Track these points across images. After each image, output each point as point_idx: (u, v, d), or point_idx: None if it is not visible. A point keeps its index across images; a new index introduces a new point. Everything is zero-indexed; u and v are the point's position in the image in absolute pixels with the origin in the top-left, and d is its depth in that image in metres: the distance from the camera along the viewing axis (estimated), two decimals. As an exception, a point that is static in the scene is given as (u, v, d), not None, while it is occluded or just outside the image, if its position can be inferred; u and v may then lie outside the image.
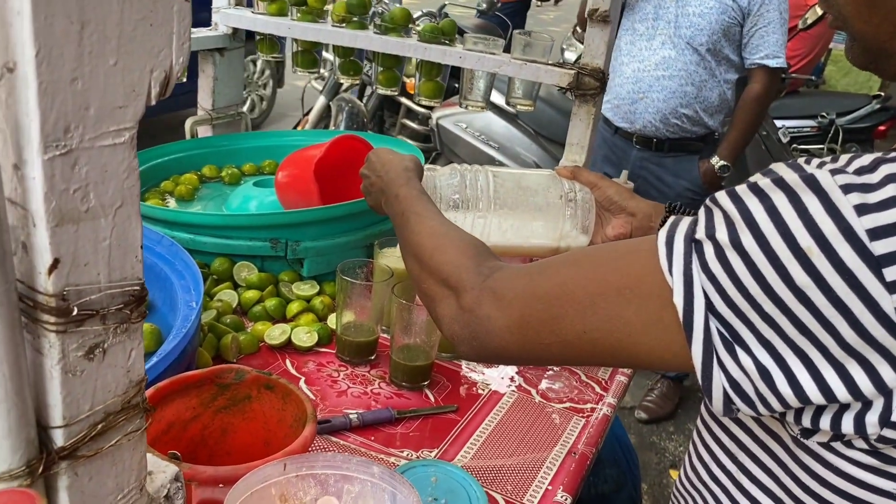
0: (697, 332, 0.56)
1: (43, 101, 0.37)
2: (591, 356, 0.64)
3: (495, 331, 0.68)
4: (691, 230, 0.58)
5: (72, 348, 0.43)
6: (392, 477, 0.64)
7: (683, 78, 2.37)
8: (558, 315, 0.64)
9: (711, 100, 2.42)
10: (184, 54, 0.44)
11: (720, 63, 2.38)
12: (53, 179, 0.39)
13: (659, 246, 0.59)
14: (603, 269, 0.63)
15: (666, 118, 2.42)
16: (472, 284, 0.72)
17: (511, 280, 0.70)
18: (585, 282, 0.63)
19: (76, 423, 0.44)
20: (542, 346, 0.66)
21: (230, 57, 1.77)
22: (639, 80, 2.42)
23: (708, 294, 0.55)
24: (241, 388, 0.82)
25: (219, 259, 1.28)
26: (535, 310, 0.66)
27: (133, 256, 0.45)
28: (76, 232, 0.41)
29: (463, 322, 0.71)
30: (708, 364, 0.56)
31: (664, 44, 2.37)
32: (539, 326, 0.66)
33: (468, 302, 0.71)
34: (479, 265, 0.74)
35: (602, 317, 0.61)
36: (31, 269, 0.40)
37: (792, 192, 0.52)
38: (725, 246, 0.54)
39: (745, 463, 0.66)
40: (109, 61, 0.40)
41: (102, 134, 0.41)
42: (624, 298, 0.60)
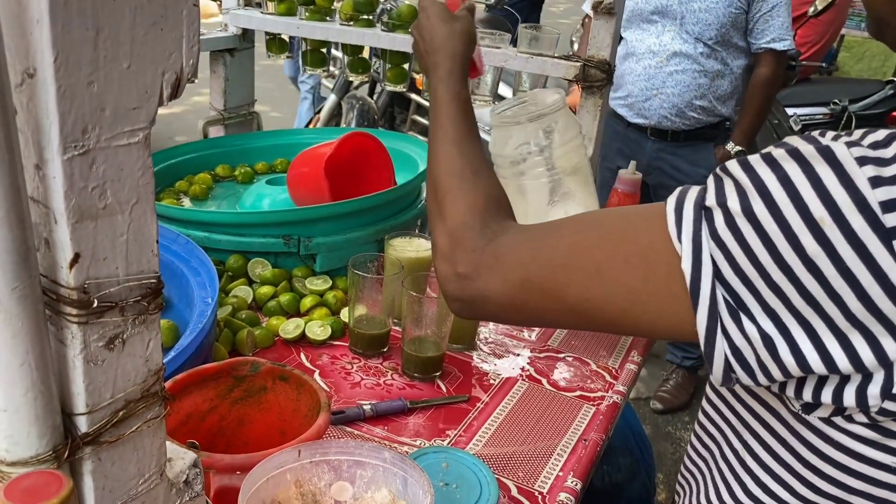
0: (703, 299, 0.56)
1: (62, 104, 0.39)
2: (594, 322, 0.65)
3: (492, 296, 0.69)
4: (701, 197, 0.58)
5: (93, 339, 0.45)
6: (403, 461, 0.66)
7: (696, 71, 2.36)
8: (562, 282, 0.64)
9: (724, 88, 2.41)
10: (193, 56, 0.46)
11: (730, 52, 2.37)
12: (73, 178, 0.41)
13: (668, 213, 0.59)
14: (610, 236, 0.63)
15: (681, 112, 2.41)
16: (473, 246, 0.71)
17: (514, 246, 0.69)
18: (591, 249, 0.63)
19: (98, 410, 0.47)
20: (541, 311, 0.66)
21: (240, 57, 1.80)
22: (651, 76, 2.41)
23: (716, 261, 0.55)
24: (256, 380, 0.84)
25: (233, 256, 1.31)
26: (538, 277, 0.66)
27: (149, 251, 0.47)
28: (95, 228, 0.43)
29: (458, 285, 0.72)
30: (712, 331, 0.56)
31: (673, 39, 2.36)
32: (540, 295, 0.66)
33: (465, 265, 0.71)
34: (485, 225, 0.73)
35: (608, 284, 0.61)
36: (54, 263, 0.43)
37: (806, 162, 0.52)
38: (736, 214, 0.54)
39: (749, 440, 0.67)
40: (123, 65, 0.42)
41: (118, 134, 0.43)
42: (631, 266, 0.60)
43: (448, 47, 0.94)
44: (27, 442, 0.43)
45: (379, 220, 1.39)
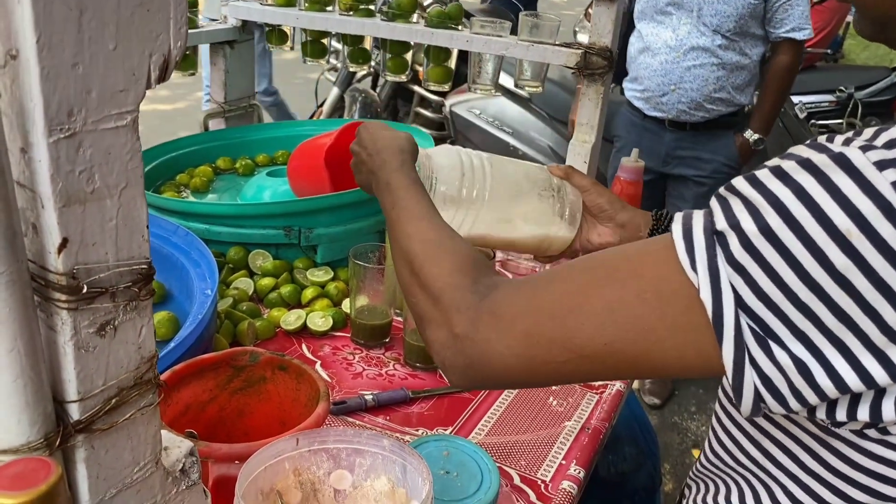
0: (728, 331, 0.52)
1: (46, 86, 0.39)
2: (614, 370, 0.59)
3: (495, 355, 0.62)
4: (709, 222, 0.54)
5: (83, 325, 0.44)
6: (402, 449, 0.66)
7: (714, 65, 2.32)
8: (573, 328, 0.58)
9: (743, 78, 2.38)
10: (181, 38, 0.45)
11: (748, 42, 2.34)
12: (59, 161, 0.40)
13: (676, 241, 0.55)
14: (617, 273, 0.58)
15: (700, 105, 2.38)
16: (467, 305, 0.65)
17: (511, 296, 0.63)
18: (599, 289, 0.58)
19: (90, 397, 0.46)
20: (553, 365, 0.60)
21: (240, 49, 1.79)
22: (668, 71, 2.37)
23: (736, 288, 0.51)
24: (255, 370, 0.83)
25: (234, 248, 1.30)
26: (544, 326, 0.60)
27: (139, 236, 0.47)
28: (83, 212, 0.43)
29: (456, 349, 0.64)
30: (739, 363, 0.52)
31: (690, 33, 2.31)
32: (549, 344, 0.59)
33: (462, 326, 0.64)
34: (475, 282, 0.67)
35: (623, 325, 0.56)
36: (42, 249, 0.42)
37: (820, 172, 0.49)
38: (753, 234, 0.50)
39: (770, 450, 0.63)
40: (109, 46, 0.41)
41: (105, 117, 0.42)
42: (645, 302, 0.55)
43: (393, 145, 0.93)
44: (18, 429, 0.43)
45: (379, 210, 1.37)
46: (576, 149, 1.51)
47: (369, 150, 0.95)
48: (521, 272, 1.51)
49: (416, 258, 0.73)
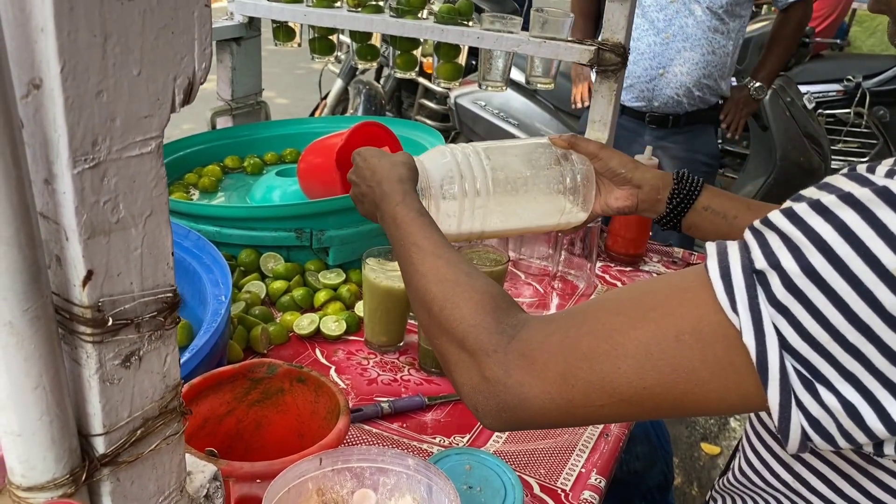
0: (773, 374, 0.50)
1: (70, 115, 0.37)
2: (654, 411, 0.57)
3: (531, 399, 0.60)
4: (747, 260, 0.52)
5: (108, 357, 0.43)
6: (427, 469, 0.65)
7: (705, 46, 2.24)
8: (610, 372, 0.56)
9: (727, 64, 2.31)
10: (206, 59, 0.44)
11: (735, 23, 2.26)
12: (83, 193, 0.39)
13: (713, 281, 0.53)
14: (652, 313, 0.56)
15: (689, 91, 2.30)
16: (495, 347, 0.62)
17: (542, 337, 0.61)
18: (634, 331, 0.56)
19: (116, 430, 0.45)
20: (591, 408, 0.58)
21: (247, 46, 1.77)
22: (657, 54, 2.27)
23: (780, 330, 0.50)
24: (273, 382, 0.82)
25: (245, 250, 1.29)
26: (579, 369, 0.58)
27: (164, 264, 0.45)
28: (108, 243, 0.41)
29: (488, 392, 0.62)
30: (786, 406, 0.51)
31: (679, 12, 2.21)
32: (586, 388, 0.57)
33: (493, 370, 0.61)
34: (499, 322, 0.64)
35: (662, 368, 0.54)
36: (66, 281, 0.41)
37: (864, 208, 0.47)
38: (795, 275, 0.49)
39: (805, 475, 0.62)
40: (133, 72, 0.40)
41: (129, 144, 0.41)
42: (684, 345, 0.53)
43: (393, 175, 0.89)
44: (43, 466, 0.42)
45: (392, 211, 1.36)
46: (588, 147, 1.49)
47: (369, 182, 0.92)
48: (533, 272, 1.49)
49: (435, 301, 0.71)
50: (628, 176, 1.02)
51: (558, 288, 1.45)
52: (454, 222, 0.98)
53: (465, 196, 0.97)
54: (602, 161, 1.03)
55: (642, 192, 1.02)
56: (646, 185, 1.01)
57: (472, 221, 0.99)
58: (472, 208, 0.98)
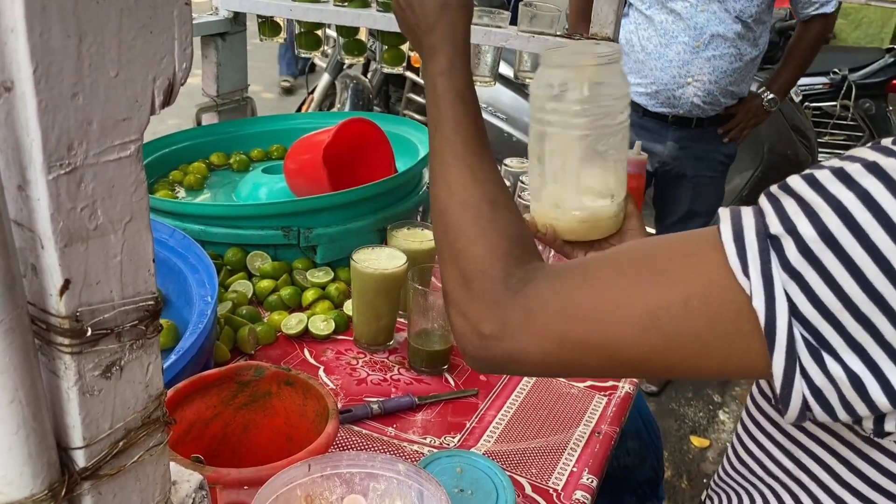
0: (780, 340, 0.49)
1: (44, 119, 0.36)
2: (649, 371, 0.57)
3: (524, 357, 0.59)
4: (762, 224, 0.51)
5: (88, 368, 0.42)
6: (418, 474, 0.63)
7: (733, 55, 2.21)
8: (612, 334, 0.55)
9: (751, 70, 2.30)
10: (187, 59, 0.42)
11: (761, 30, 2.24)
12: (59, 199, 0.37)
13: (725, 244, 0.51)
14: (661, 275, 0.54)
15: (715, 98, 2.27)
16: (497, 299, 0.61)
17: (546, 296, 0.59)
18: (643, 293, 0.54)
19: (97, 442, 0.44)
20: (584, 368, 0.58)
21: (232, 41, 1.75)
22: (685, 62, 2.22)
23: (791, 296, 0.49)
24: (260, 385, 0.81)
25: (231, 249, 1.28)
26: (581, 331, 0.56)
27: (145, 271, 0.44)
28: (86, 251, 0.40)
29: (480, 345, 0.61)
30: (790, 373, 0.50)
31: (710, 21, 2.17)
32: (585, 349, 0.57)
33: (491, 324, 0.60)
34: (509, 272, 0.62)
35: (668, 332, 0.53)
36: (42, 291, 0.39)
37: (889, 178, 0.46)
38: (811, 240, 0.48)
39: (803, 459, 0.61)
40: (110, 73, 0.38)
41: (107, 149, 0.39)
42: (692, 309, 0.52)
43: (446, 23, 0.77)
44: (20, 482, 0.40)
45: (380, 208, 1.35)
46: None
47: (418, 19, 0.79)
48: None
49: (451, 226, 0.68)
50: None
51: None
52: None
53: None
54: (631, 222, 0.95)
55: None
56: None
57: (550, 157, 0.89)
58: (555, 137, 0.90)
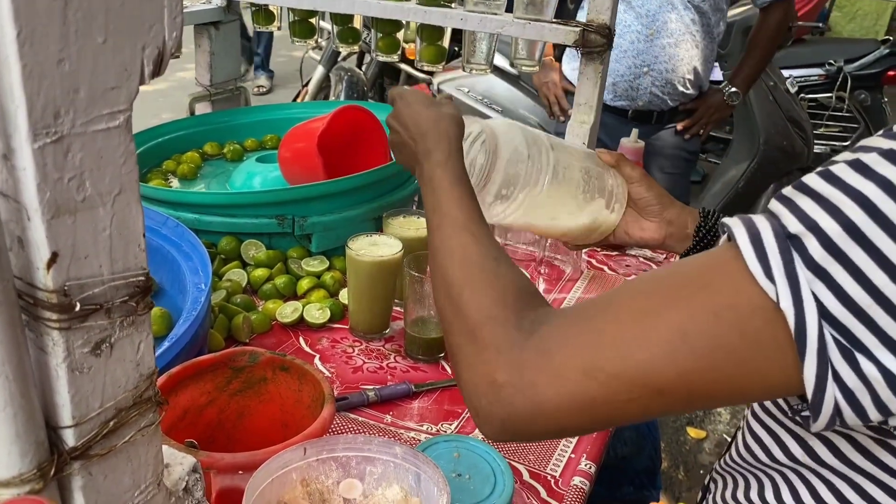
0: (811, 345, 0.47)
1: (28, 85, 0.35)
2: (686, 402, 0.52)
3: (545, 402, 0.54)
4: (778, 225, 0.48)
5: (77, 345, 0.41)
6: (415, 457, 0.63)
7: (689, 42, 2.16)
8: (640, 360, 0.51)
9: (710, 57, 2.25)
10: (177, 28, 0.41)
11: (717, 17, 2.19)
12: (45, 169, 0.37)
13: (743, 250, 0.49)
14: (682, 291, 0.51)
15: (674, 88, 2.22)
16: (510, 344, 0.56)
17: (562, 330, 0.55)
18: (666, 311, 0.51)
19: (87, 421, 0.43)
20: (616, 405, 0.52)
21: (225, 30, 1.74)
22: (640, 52, 2.17)
23: (818, 296, 0.47)
24: (255, 371, 0.80)
25: (225, 238, 1.26)
26: (605, 361, 0.52)
27: (136, 245, 0.43)
28: (73, 223, 0.39)
29: (494, 397, 0.55)
30: (822, 378, 0.47)
31: (662, 7, 2.12)
32: (611, 381, 0.52)
33: (505, 371, 0.55)
34: (519, 317, 0.59)
35: (700, 349, 0.49)
36: (29, 264, 0.38)
37: None
38: (835, 234, 0.46)
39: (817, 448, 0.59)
40: (97, 39, 0.37)
41: (95, 118, 0.38)
42: (723, 321, 0.49)
43: (439, 129, 0.82)
44: (8, 461, 0.40)
45: (375, 196, 1.34)
46: (574, 130, 1.48)
47: (412, 133, 0.85)
48: (519, 257, 1.48)
49: (455, 283, 0.65)
50: (661, 210, 0.97)
51: (545, 273, 1.43)
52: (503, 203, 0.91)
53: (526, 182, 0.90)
54: (640, 189, 0.98)
55: (672, 228, 0.97)
56: (677, 221, 0.97)
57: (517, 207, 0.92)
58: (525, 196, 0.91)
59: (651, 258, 1.54)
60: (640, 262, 1.52)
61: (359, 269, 1.10)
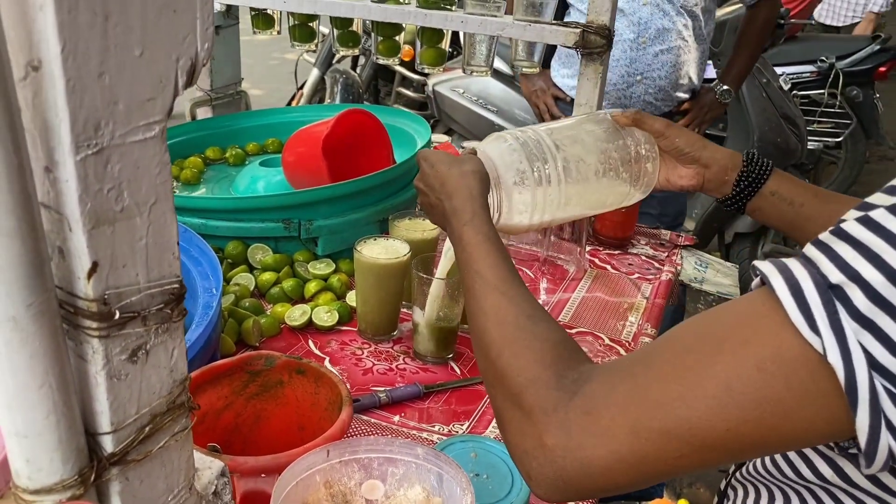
0: (863, 396, 0.46)
1: (72, 98, 0.35)
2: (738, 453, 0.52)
3: (595, 461, 0.54)
4: (818, 275, 0.48)
5: (115, 352, 0.41)
6: (437, 457, 0.63)
7: (681, 47, 2.10)
8: (688, 417, 0.51)
9: (701, 61, 2.19)
10: (208, 39, 0.42)
11: (707, 20, 2.14)
12: (87, 180, 0.37)
13: (784, 301, 0.48)
14: (725, 345, 0.51)
15: (667, 94, 2.16)
16: (555, 405, 0.56)
17: (607, 390, 0.55)
18: (710, 366, 0.51)
19: (124, 427, 0.43)
20: (668, 461, 0.52)
21: (226, 35, 1.74)
22: (633, 59, 2.11)
23: (867, 347, 0.46)
24: (272, 374, 0.81)
25: (232, 242, 1.27)
26: (653, 419, 0.52)
27: (170, 254, 0.44)
28: (112, 233, 0.39)
29: (545, 459, 0.56)
30: (876, 428, 0.47)
31: (653, 14, 2.07)
32: (661, 439, 0.52)
33: (552, 433, 0.55)
34: (560, 376, 0.59)
35: (746, 404, 0.49)
36: (70, 274, 0.39)
37: None
38: (880, 284, 0.45)
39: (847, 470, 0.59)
40: (135, 52, 0.38)
41: (133, 129, 0.39)
42: (767, 373, 0.49)
43: (465, 188, 0.83)
44: (50, 468, 0.40)
45: (380, 199, 1.35)
46: (575, 130, 1.49)
47: (438, 194, 0.86)
48: (522, 257, 1.49)
49: (493, 345, 0.65)
50: (696, 155, 0.97)
51: (548, 272, 1.44)
52: (526, 216, 0.92)
53: (538, 186, 0.90)
54: (668, 139, 0.98)
55: (709, 172, 0.97)
56: (714, 164, 0.97)
57: (544, 211, 0.92)
58: (545, 197, 0.91)
59: (653, 256, 1.55)
60: (643, 260, 1.53)
61: (367, 271, 1.11)
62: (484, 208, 0.82)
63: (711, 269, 1.54)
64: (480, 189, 0.84)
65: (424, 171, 0.91)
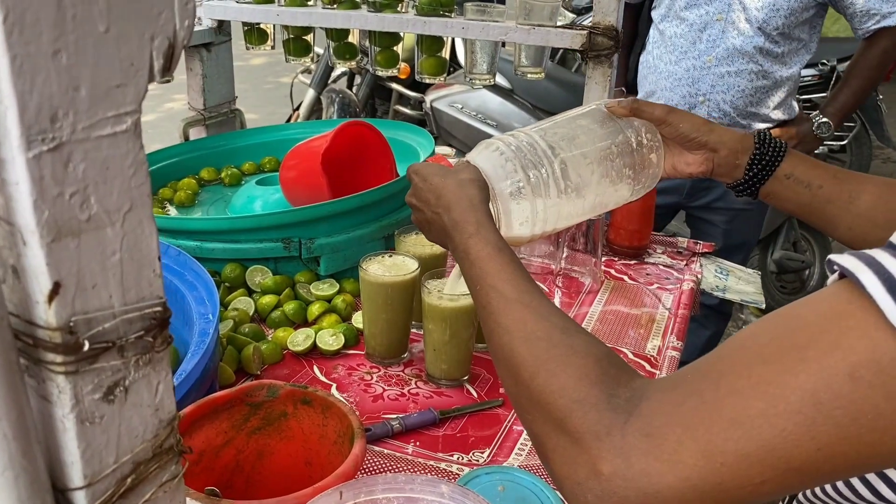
0: None
1: (19, 81, 0.29)
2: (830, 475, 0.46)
3: (664, 491, 0.46)
4: None
5: (86, 391, 0.34)
6: (464, 495, 0.56)
7: (754, 72, 1.92)
8: (770, 437, 0.44)
9: (784, 91, 1.98)
10: (189, 16, 0.36)
11: (793, 47, 1.93)
12: (43, 182, 0.30)
13: (877, 298, 0.43)
14: (810, 352, 0.44)
15: (733, 120, 1.97)
16: (609, 429, 0.49)
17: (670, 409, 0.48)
18: (793, 378, 0.44)
19: (100, 480, 0.36)
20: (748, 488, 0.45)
21: (217, 52, 1.69)
22: (696, 79, 1.96)
23: None
24: (275, 406, 0.74)
25: (229, 265, 1.20)
26: (728, 440, 0.45)
27: (150, 271, 0.37)
28: (78, 247, 0.33)
29: (603, 491, 0.49)
30: None
31: (725, 31, 1.90)
32: (740, 463, 0.45)
33: (609, 460, 0.48)
34: (610, 395, 0.51)
35: (840, 418, 0.43)
36: (27, 298, 0.32)
37: None
38: None
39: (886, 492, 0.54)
40: (99, 27, 0.31)
41: (99, 121, 0.32)
42: (860, 381, 0.43)
43: (464, 198, 0.76)
44: (10, 534, 0.33)
45: (384, 214, 1.29)
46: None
47: (435, 208, 0.80)
48: (534, 270, 1.42)
49: (525, 365, 0.58)
50: (703, 140, 0.90)
51: (563, 286, 1.37)
52: (527, 227, 0.85)
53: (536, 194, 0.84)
54: (671, 126, 0.91)
55: (718, 157, 0.91)
56: (723, 148, 0.90)
57: (546, 220, 0.86)
58: (545, 205, 0.85)
59: (670, 265, 1.48)
60: (660, 269, 1.46)
61: (373, 291, 1.04)
62: (488, 217, 0.75)
63: (733, 277, 1.48)
64: (481, 197, 0.78)
65: (417, 185, 0.84)
